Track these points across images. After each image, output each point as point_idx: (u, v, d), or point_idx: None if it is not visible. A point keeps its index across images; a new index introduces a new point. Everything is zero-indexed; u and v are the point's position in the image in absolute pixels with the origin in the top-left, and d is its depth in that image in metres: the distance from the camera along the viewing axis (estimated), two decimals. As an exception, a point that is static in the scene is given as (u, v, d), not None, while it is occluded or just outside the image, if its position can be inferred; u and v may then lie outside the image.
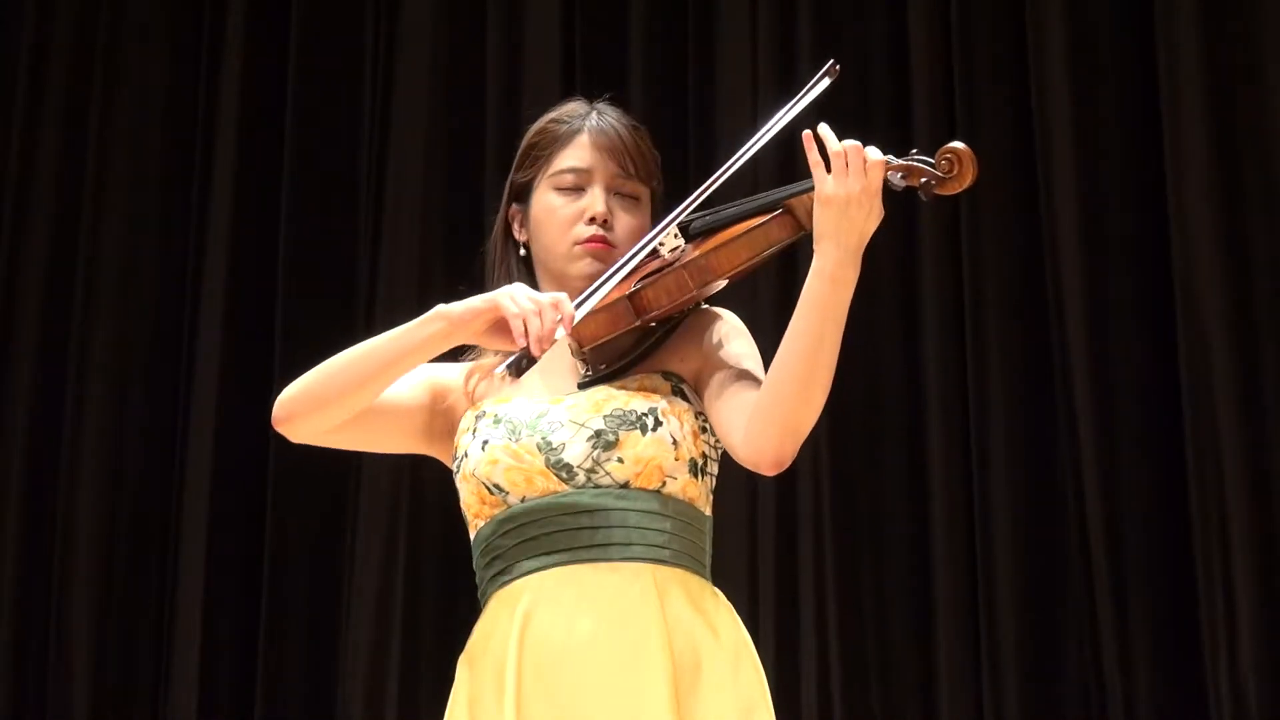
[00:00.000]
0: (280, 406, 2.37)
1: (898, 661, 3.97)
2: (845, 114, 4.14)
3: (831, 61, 2.29)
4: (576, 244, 2.39)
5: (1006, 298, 4.04)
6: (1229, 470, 3.78)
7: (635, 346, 2.37)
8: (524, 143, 2.49)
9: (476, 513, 2.35)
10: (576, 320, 2.23)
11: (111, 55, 4.66)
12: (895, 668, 3.97)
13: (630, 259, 2.31)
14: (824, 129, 2.23)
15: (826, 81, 2.29)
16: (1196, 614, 3.77)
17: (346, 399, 2.34)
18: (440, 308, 2.28)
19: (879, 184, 2.19)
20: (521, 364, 2.20)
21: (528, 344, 2.19)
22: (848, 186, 2.18)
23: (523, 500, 2.30)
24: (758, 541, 4.06)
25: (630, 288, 2.31)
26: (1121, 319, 3.95)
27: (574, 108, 2.48)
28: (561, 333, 2.21)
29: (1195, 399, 3.83)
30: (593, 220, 2.39)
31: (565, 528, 2.28)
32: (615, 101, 2.50)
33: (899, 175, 2.21)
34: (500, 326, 2.23)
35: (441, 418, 2.45)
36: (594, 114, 2.46)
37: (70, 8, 4.72)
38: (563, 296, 2.23)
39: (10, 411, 4.50)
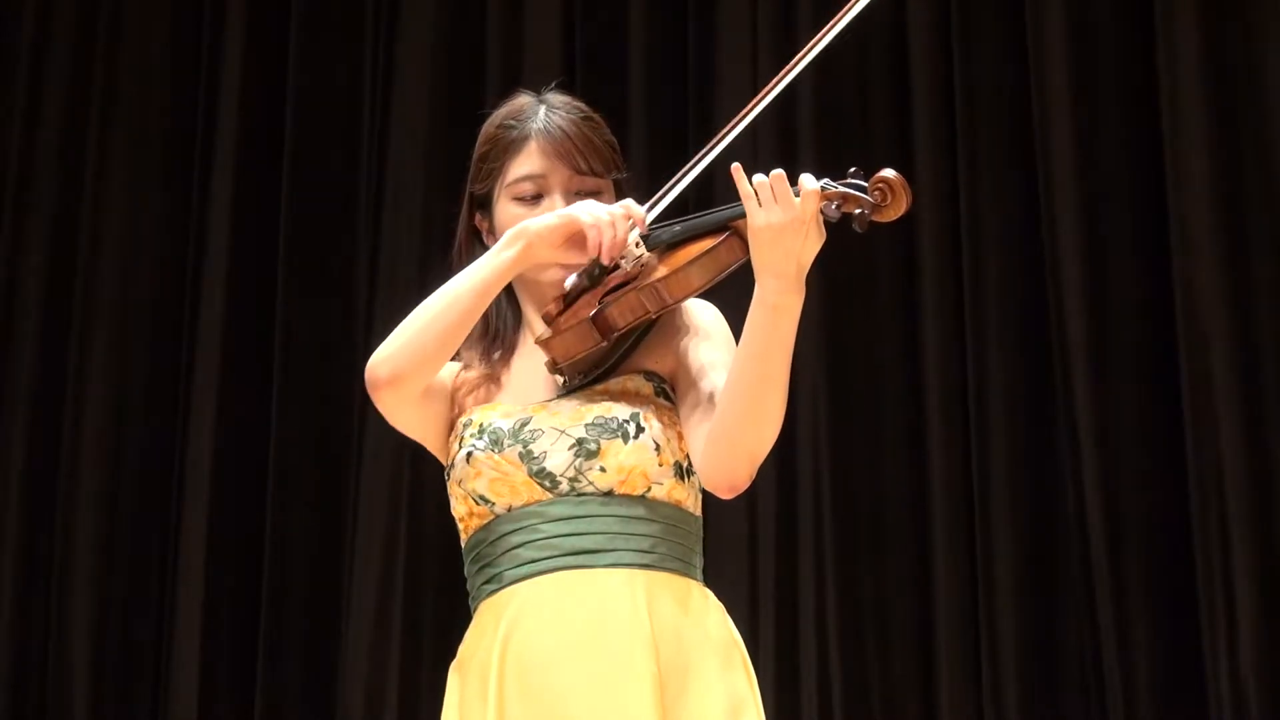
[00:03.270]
0: (381, 367, 2.30)
1: (897, 662, 3.97)
2: (845, 114, 4.20)
3: None
4: None
5: (1007, 298, 4.04)
6: (1229, 470, 3.78)
7: (612, 353, 2.36)
8: (476, 150, 2.46)
9: (466, 522, 2.36)
10: (647, 222, 2.29)
11: (111, 55, 4.66)
12: (895, 668, 3.97)
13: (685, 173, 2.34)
14: (737, 169, 2.20)
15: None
16: (1196, 614, 3.77)
17: (447, 341, 2.31)
18: (519, 226, 2.30)
19: (813, 211, 2.14)
20: (594, 273, 2.27)
21: (600, 254, 2.25)
22: (777, 216, 2.14)
23: (509, 509, 2.30)
24: (758, 542, 4.06)
25: (594, 308, 2.30)
26: (1121, 319, 3.95)
27: (522, 105, 2.44)
28: (636, 234, 2.27)
29: (1195, 399, 3.83)
30: None
31: (550, 535, 2.27)
32: (615, 101, 2.48)
33: (833, 205, 2.17)
34: (575, 241, 2.27)
35: (446, 417, 2.43)
36: (542, 111, 2.42)
37: (70, 8, 4.71)
38: (629, 202, 2.29)
39: (10, 411, 4.50)
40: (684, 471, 2.32)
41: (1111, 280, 3.96)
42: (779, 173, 2.16)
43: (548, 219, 2.29)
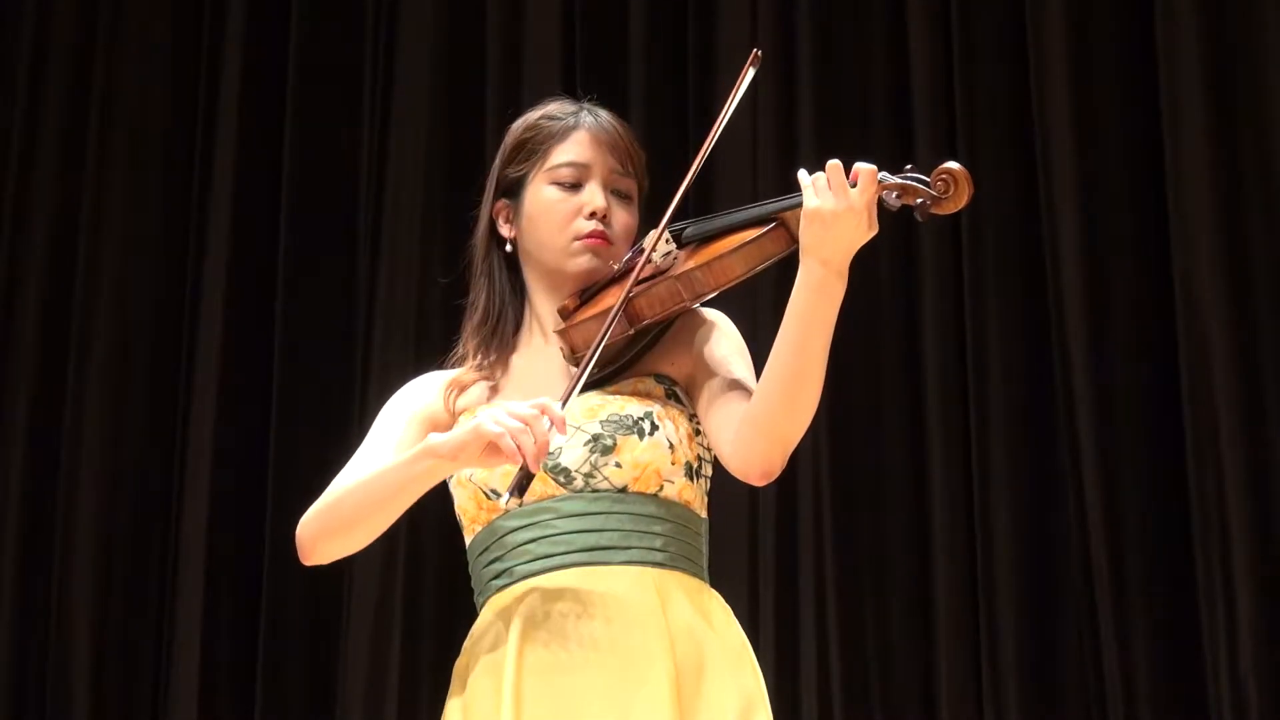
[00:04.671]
0: (301, 541, 2.35)
1: (898, 662, 3.97)
2: (846, 114, 4.21)
3: (755, 51, 2.30)
4: (576, 239, 2.39)
5: (1006, 299, 4.04)
6: (1229, 470, 3.78)
7: (627, 350, 2.37)
8: (513, 138, 2.47)
9: (473, 517, 2.35)
10: (566, 418, 2.16)
11: (111, 55, 4.66)
12: (895, 668, 3.97)
13: (622, 301, 2.28)
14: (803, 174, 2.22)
15: (752, 71, 2.29)
16: (1196, 614, 3.77)
17: (358, 531, 2.34)
18: (429, 444, 2.21)
19: (867, 200, 2.17)
20: (524, 484, 2.13)
21: (525, 463, 2.11)
22: (831, 202, 2.16)
23: (520, 505, 2.30)
24: (758, 542, 4.06)
25: (622, 297, 2.30)
26: (1121, 319, 3.95)
27: (564, 105, 2.48)
28: (558, 438, 2.17)
29: (1195, 399, 3.83)
30: (593, 215, 2.39)
31: (563, 531, 2.28)
32: (616, 101, 2.50)
33: (894, 195, 2.20)
34: (494, 449, 2.14)
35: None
36: (586, 111, 2.46)
37: (70, 8, 4.71)
38: (545, 401, 2.14)
39: (10, 411, 4.50)
40: (694, 473, 2.33)
41: (1112, 280, 3.96)
42: (835, 163, 2.19)
43: (454, 439, 2.17)
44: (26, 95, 4.65)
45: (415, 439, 2.36)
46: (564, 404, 2.18)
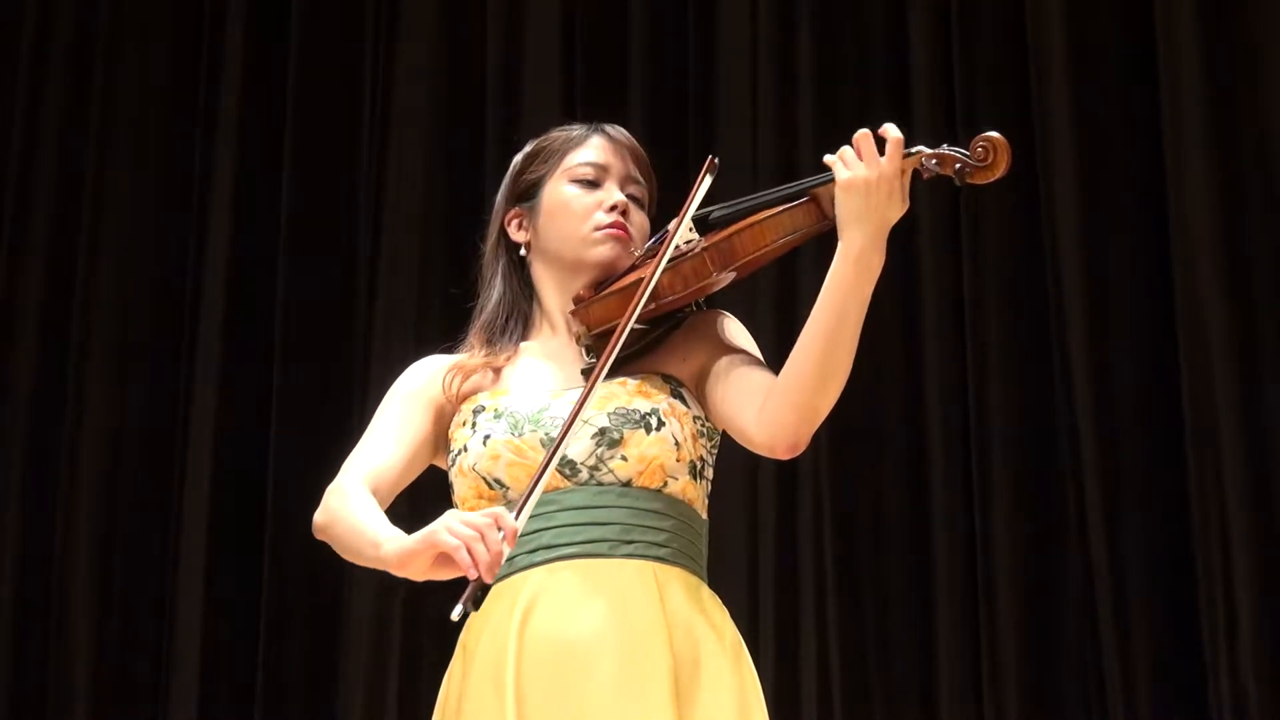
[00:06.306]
0: (315, 527, 2.39)
1: (897, 662, 3.97)
2: (845, 115, 4.20)
3: (711, 157, 2.32)
4: (597, 229, 2.43)
5: (1006, 297, 4.04)
6: (1229, 470, 3.78)
7: (637, 341, 2.37)
8: (526, 151, 2.52)
9: (472, 507, 2.35)
10: (520, 529, 2.11)
11: (111, 55, 4.66)
12: (895, 668, 3.97)
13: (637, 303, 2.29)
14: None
15: (709, 178, 2.31)
16: (1196, 615, 3.77)
17: (345, 555, 2.36)
18: (382, 549, 2.22)
19: (897, 168, 2.21)
20: (479, 598, 2.05)
21: (479, 573, 2.06)
22: (862, 171, 2.20)
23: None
24: (758, 542, 4.06)
25: (657, 266, 2.30)
26: (1121, 319, 3.95)
27: (575, 123, 2.53)
28: (508, 550, 2.10)
29: (1195, 399, 3.83)
30: (613, 209, 2.43)
31: (566, 524, 2.28)
32: (615, 101, 2.51)
33: (932, 162, 2.22)
34: (446, 559, 2.12)
35: (442, 423, 2.45)
36: (600, 125, 2.51)
37: (70, 7, 4.71)
38: (500, 511, 2.12)
39: (10, 411, 4.50)
40: (697, 473, 2.35)
41: (1111, 280, 3.96)
42: (865, 132, 2.23)
43: (405, 547, 2.17)
44: (26, 95, 4.65)
45: (418, 421, 2.43)
46: (590, 390, 2.19)
